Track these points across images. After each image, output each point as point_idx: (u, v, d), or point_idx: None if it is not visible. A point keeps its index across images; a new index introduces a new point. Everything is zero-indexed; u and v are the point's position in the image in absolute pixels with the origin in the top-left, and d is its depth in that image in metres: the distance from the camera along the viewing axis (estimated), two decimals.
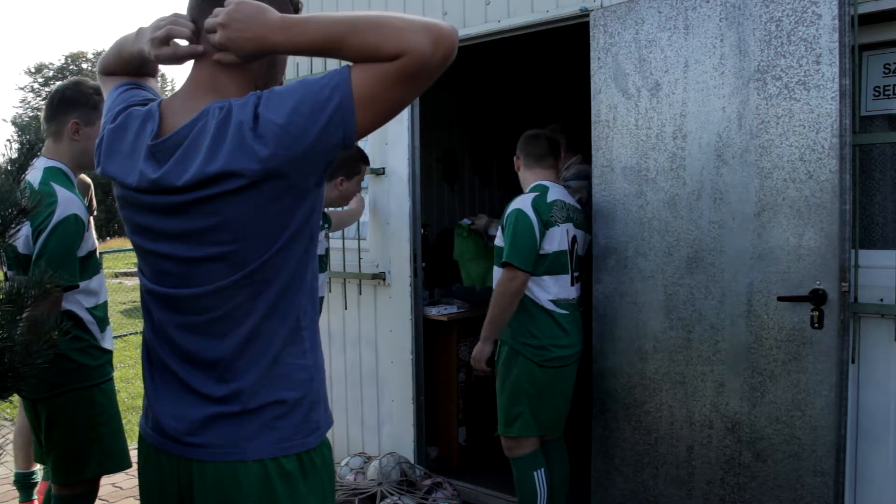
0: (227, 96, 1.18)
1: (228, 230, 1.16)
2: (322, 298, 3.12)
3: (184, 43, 1.25)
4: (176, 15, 1.26)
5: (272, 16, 1.12)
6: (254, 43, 1.12)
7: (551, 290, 2.82)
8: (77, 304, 2.30)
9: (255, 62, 1.22)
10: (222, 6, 1.15)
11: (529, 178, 2.97)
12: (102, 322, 2.41)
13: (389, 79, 1.08)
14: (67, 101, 2.35)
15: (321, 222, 3.04)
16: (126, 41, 1.36)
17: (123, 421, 5.90)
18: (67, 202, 2.18)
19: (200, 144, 1.13)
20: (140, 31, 1.32)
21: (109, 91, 1.36)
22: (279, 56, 1.29)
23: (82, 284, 2.29)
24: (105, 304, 2.48)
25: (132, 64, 1.36)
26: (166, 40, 1.24)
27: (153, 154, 1.18)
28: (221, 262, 1.18)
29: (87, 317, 2.34)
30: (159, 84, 1.51)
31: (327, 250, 3.14)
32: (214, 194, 1.13)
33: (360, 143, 4.06)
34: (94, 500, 2.45)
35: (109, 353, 2.45)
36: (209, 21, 1.17)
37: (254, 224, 1.15)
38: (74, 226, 2.18)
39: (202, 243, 1.18)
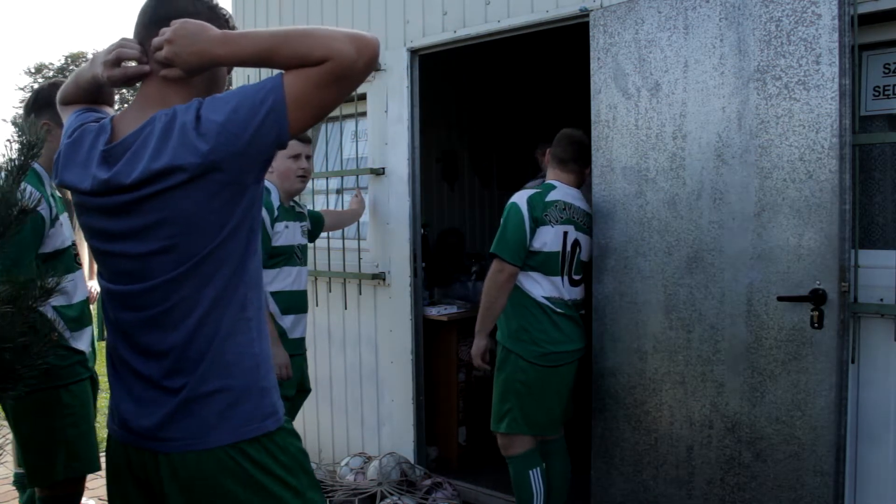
0: (171, 106, 1.28)
1: (173, 224, 1.25)
2: (305, 292, 3.11)
3: (133, 64, 1.36)
4: (124, 39, 1.37)
5: (213, 32, 1.24)
6: (198, 57, 1.25)
7: (544, 286, 2.83)
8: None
9: (198, 77, 1.33)
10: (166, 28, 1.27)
11: (548, 175, 3.00)
12: (75, 322, 2.36)
13: (318, 81, 1.19)
14: (42, 102, 2.39)
15: (298, 219, 3.04)
16: (82, 70, 1.47)
17: None
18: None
19: (147, 146, 1.23)
20: (94, 58, 1.42)
21: (67, 116, 1.46)
22: (219, 74, 1.41)
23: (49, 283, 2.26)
24: (80, 304, 2.41)
25: (88, 91, 1.47)
26: (117, 62, 1.35)
27: (105, 159, 1.28)
28: (168, 255, 1.27)
29: (54, 316, 2.29)
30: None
31: (305, 246, 3.12)
32: (160, 190, 1.22)
33: (360, 143, 4.07)
34: (78, 500, 2.42)
35: (81, 353, 2.39)
36: (156, 40, 1.28)
37: (197, 217, 1.24)
38: (31, 225, 2.15)
39: (150, 238, 1.27)
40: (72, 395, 2.31)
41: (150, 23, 1.33)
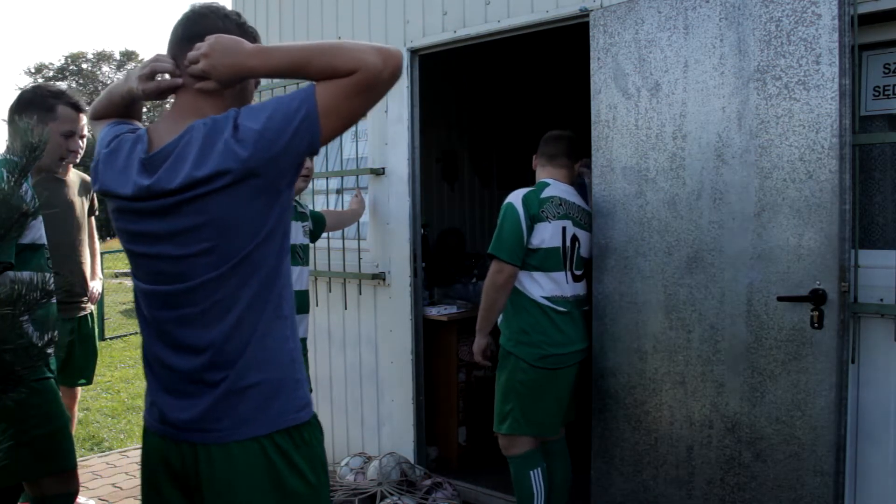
0: (205, 116, 1.35)
1: (213, 227, 1.31)
2: (307, 292, 3.12)
3: (167, 77, 1.44)
4: (158, 54, 1.45)
5: (247, 45, 1.33)
6: (232, 69, 1.32)
7: (545, 286, 2.83)
8: None
9: (230, 88, 1.41)
10: (200, 42, 1.35)
11: (540, 175, 3.00)
12: (40, 323, 2.32)
13: (347, 92, 1.27)
14: (24, 103, 2.46)
15: (300, 219, 3.04)
16: (116, 86, 1.56)
17: (124, 421, 5.85)
18: None
19: (188, 154, 1.29)
20: (128, 74, 1.51)
21: (101, 129, 1.54)
22: (249, 85, 1.48)
23: (17, 275, 2.23)
24: (48, 304, 2.38)
25: (121, 105, 1.55)
26: (152, 76, 1.43)
27: (145, 167, 1.35)
28: (209, 257, 1.33)
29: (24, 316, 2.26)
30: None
31: (306, 246, 3.13)
32: (203, 193, 1.29)
33: (360, 143, 4.07)
34: (72, 501, 2.39)
35: (45, 354, 2.35)
36: (192, 54, 1.35)
37: (235, 221, 1.31)
38: None
39: (191, 241, 1.33)
40: (37, 394, 2.20)
41: (183, 39, 1.41)
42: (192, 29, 1.41)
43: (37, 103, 2.45)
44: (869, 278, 2.34)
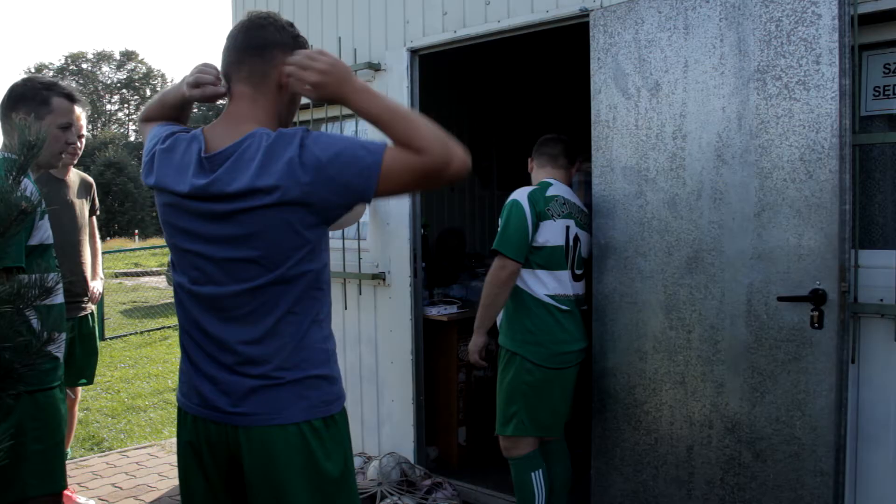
0: (261, 123, 1.46)
1: (262, 238, 1.39)
2: None
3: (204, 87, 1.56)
4: (204, 64, 1.57)
5: (357, 80, 1.45)
6: (339, 94, 1.43)
7: (549, 284, 2.83)
8: None
9: (286, 97, 1.51)
10: (280, 58, 1.46)
11: (539, 176, 3.00)
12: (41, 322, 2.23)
13: (409, 168, 1.37)
14: (16, 96, 2.36)
15: None
16: (170, 90, 1.67)
17: (124, 421, 5.83)
18: None
19: (249, 160, 1.38)
20: (183, 79, 1.61)
21: (151, 129, 1.64)
22: (297, 102, 1.58)
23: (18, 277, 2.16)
24: (59, 306, 2.28)
25: (174, 108, 1.67)
26: (196, 84, 1.55)
27: (203, 166, 1.43)
28: (253, 265, 1.42)
29: (33, 316, 2.14)
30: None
31: None
32: (258, 206, 1.37)
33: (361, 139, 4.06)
34: None
35: (55, 359, 2.21)
36: (300, 61, 1.44)
37: (283, 235, 1.39)
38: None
39: (238, 247, 1.41)
40: (37, 405, 2.10)
41: (241, 48, 1.49)
42: (251, 39, 1.48)
43: (29, 96, 2.35)
44: (869, 278, 2.34)
